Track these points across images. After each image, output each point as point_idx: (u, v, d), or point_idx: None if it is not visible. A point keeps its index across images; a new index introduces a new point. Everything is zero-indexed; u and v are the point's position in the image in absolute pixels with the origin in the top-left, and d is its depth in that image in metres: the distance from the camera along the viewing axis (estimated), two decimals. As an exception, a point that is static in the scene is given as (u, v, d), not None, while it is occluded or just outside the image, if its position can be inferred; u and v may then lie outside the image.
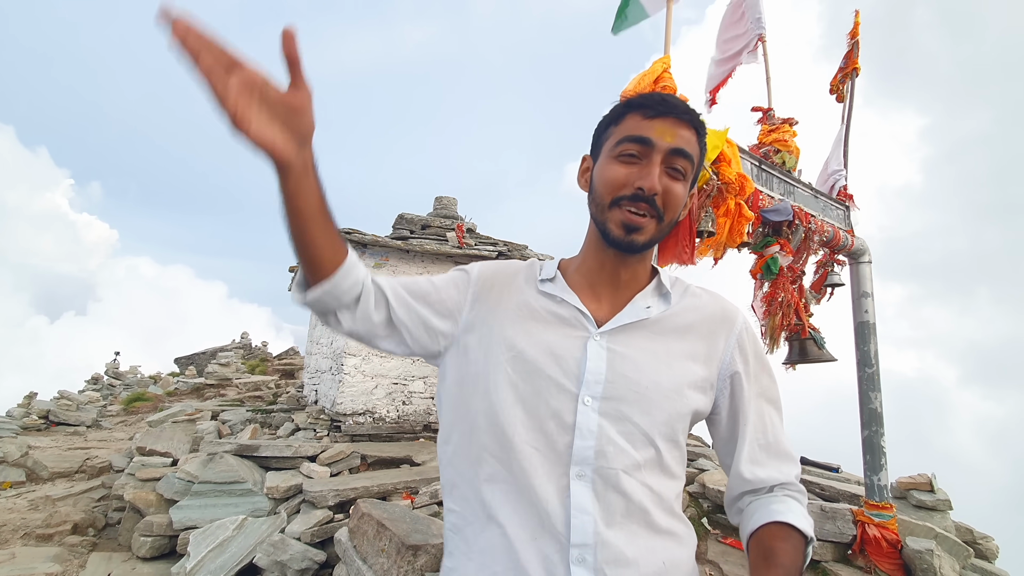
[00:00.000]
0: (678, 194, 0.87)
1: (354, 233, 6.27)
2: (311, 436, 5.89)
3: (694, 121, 0.89)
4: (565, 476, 0.81)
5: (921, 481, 4.35)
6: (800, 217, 3.24)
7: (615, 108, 0.93)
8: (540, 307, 0.92)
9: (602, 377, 0.84)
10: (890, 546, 3.40)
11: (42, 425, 9.08)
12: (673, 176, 0.87)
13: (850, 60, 4.17)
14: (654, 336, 0.90)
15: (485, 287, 0.96)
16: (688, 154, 0.87)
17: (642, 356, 0.87)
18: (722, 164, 2.72)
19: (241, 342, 17.49)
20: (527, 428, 0.84)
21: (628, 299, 0.94)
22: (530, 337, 0.89)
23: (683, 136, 0.87)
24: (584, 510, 0.79)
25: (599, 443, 0.82)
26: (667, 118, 0.87)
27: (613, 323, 0.90)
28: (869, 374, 3.72)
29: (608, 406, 0.84)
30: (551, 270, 0.98)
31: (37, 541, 4.63)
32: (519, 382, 0.86)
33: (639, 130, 0.87)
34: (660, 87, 2.74)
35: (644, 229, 0.86)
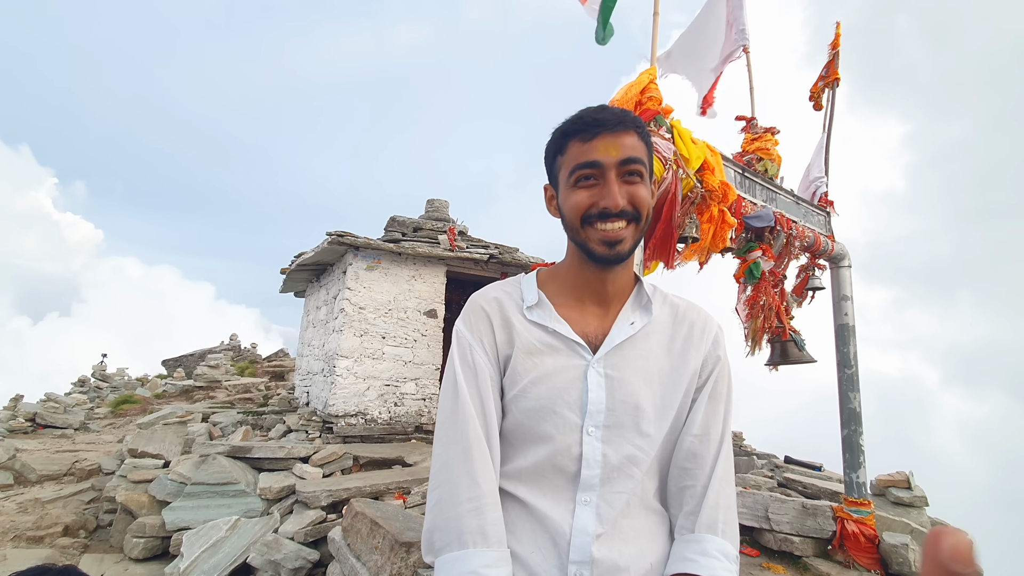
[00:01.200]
0: (642, 195, 0.90)
1: (346, 236, 6.31)
2: (303, 438, 5.92)
3: (630, 124, 0.91)
4: (571, 502, 0.88)
5: (899, 479, 4.49)
6: (782, 223, 3.35)
7: (554, 139, 0.95)
8: (534, 339, 0.93)
9: (603, 406, 0.89)
10: (868, 541, 3.51)
11: (28, 428, 8.98)
12: (631, 181, 0.90)
13: (831, 70, 4.30)
14: (643, 353, 0.94)
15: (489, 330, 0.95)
16: (636, 158, 0.89)
17: (636, 377, 0.91)
18: (706, 172, 2.82)
19: (230, 344, 17.37)
20: (535, 460, 0.89)
21: (615, 311, 0.97)
22: (531, 373, 0.91)
23: (626, 144, 0.89)
24: (586, 532, 0.86)
25: (604, 471, 0.88)
26: (604, 135, 0.89)
27: (605, 347, 0.92)
28: (849, 375, 3.84)
29: (610, 433, 0.89)
30: (533, 294, 0.98)
31: (28, 543, 4.62)
32: (527, 419, 0.90)
33: (584, 156, 0.89)
34: (647, 97, 2.84)
35: (625, 239, 0.90)
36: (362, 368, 6.35)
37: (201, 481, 4.37)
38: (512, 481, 0.92)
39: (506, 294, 0.99)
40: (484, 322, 0.95)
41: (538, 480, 0.90)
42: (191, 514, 4.18)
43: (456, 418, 0.89)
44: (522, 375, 0.91)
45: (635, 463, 0.89)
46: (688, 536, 0.90)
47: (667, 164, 2.60)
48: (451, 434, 0.89)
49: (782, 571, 3.52)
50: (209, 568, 3.60)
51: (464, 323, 0.96)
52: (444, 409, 0.92)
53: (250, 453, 4.77)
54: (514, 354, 0.93)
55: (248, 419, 7.10)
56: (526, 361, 0.92)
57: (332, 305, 7.08)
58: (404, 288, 6.82)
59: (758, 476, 5.18)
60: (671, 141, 2.71)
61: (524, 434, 0.91)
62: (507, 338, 0.94)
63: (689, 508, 0.91)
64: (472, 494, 0.84)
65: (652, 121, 2.76)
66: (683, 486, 0.93)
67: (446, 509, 0.85)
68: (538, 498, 0.89)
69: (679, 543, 0.91)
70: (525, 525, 0.89)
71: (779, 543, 3.71)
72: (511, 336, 0.94)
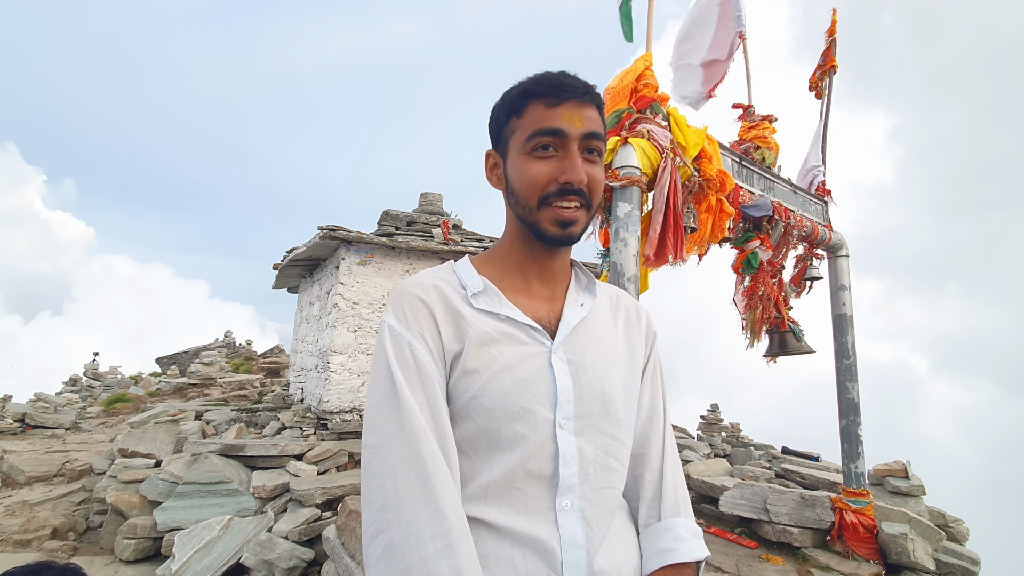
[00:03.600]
0: (599, 178, 0.84)
1: (338, 230, 6.22)
2: (297, 435, 5.86)
3: (595, 97, 0.85)
4: (551, 511, 0.77)
5: (896, 468, 4.48)
6: (780, 212, 3.30)
7: (511, 98, 0.85)
8: (487, 328, 0.81)
9: (571, 395, 0.80)
10: (867, 531, 3.50)
11: (18, 428, 8.86)
12: (591, 160, 0.83)
13: (828, 58, 4.25)
14: (597, 335, 0.89)
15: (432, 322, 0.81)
16: (600, 134, 0.83)
17: (596, 361, 0.85)
18: (703, 161, 2.76)
19: (225, 341, 17.25)
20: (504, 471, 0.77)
21: (561, 292, 0.91)
22: (491, 367, 0.79)
23: (590, 117, 0.83)
24: (576, 543, 0.76)
25: (582, 467, 0.79)
26: (571, 102, 0.81)
27: (563, 331, 0.85)
28: (847, 365, 3.81)
29: (582, 424, 0.80)
30: (476, 280, 0.86)
31: (14, 547, 4.54)
32: (491, 422, 0.77)
33: (548, 121, 0.80)
34: (642, 84, 2.77)
35: (578, 221, 0.83)
36: (356, 364, 6.29)
37: (193, 480, 4.30)
38: (476, 503, 0.76)
39: (444, 281, 0.86)
40: (424, 314, 0.80)
41: (508, 495, 0.76)
42: (183, 514, 4.11)
43: (401, 435, 0.71)
44: (480, 371, 0.78)
45: (611, 453, 0.82)
46: (656, 525, 0.86)
47: (663, 152, 2.54)
48: (395, 457, 0.70)
49: (781, 562, 3.51)
50: (202, 569, 3.54)
51: (397, 318, 0.80)
52: (379, 427, 0.73)
53: (243, 451, 4.70)
54: (465, 349, 0.79)
55: (242, 416, 7.02)
56: (482, 354, 0.79)
57: (325, 300, 7.00)
58: (398, 282, 6.73)
59: (756, 467, 5.17)
60: (667, 129, 2.64)
61: (488, 441, 0.77)
62: (455, 332, 0.81)
63: (650, 495, 0.88)
64: (438, 529, 0.67)
65: (648, 108, 2.69)
66: (638, 473, 0.90)
67: (404, 555, 0.66)
68: (512, 517, 0.75)
69: (650, 534, 0.86)
70: (501, 555, 0.74)
71: (778, 534, 3.70)
72: (460, 328, 0.81)
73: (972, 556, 3.69)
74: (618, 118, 2.67)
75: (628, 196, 2.44)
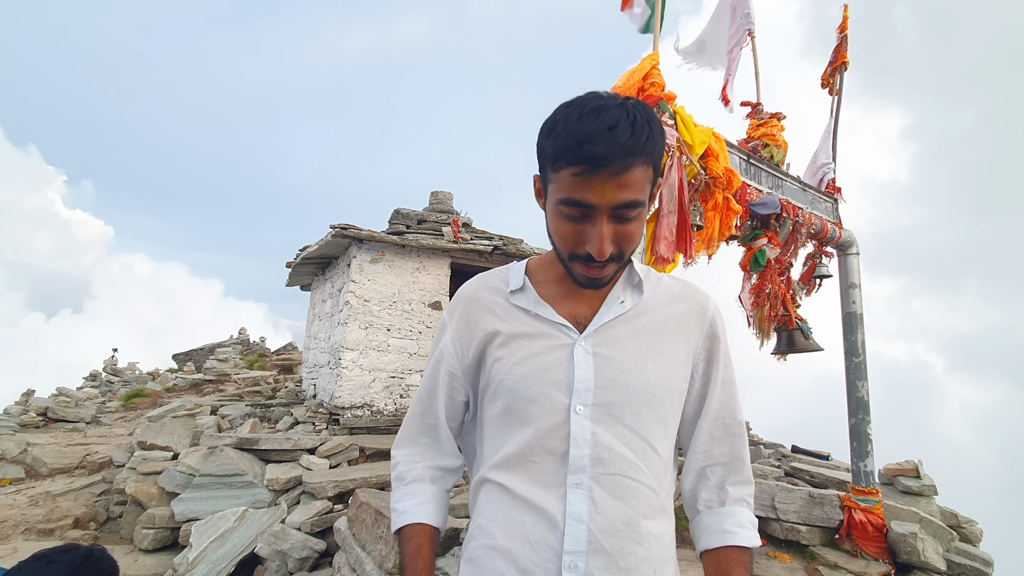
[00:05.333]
0: (632, 234, 0.82)
1: (350, 228, 6.31)
2: (310, 429, 5.96)
3: (639, 154, 0.76)
4: (562, 486, 0.83)
5: (908, 467, 4.45)
6: (788, 210, 3.29)
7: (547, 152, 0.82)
8: (518, 322, 0.92)
9: (591, 384, 0.85)
10: (875, 530, 3.48)
11: (40, 422, 9.10)
12: (624, 221, 0.81)
13: (839, 54, 4.22)
14: (635, 332, 0.90)
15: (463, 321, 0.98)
16: (636, 201, 0.79)
17: (627, 356, 0.88)
18: (710, 159, 2.77)
19: (239, 338, 17.53)
20: (521, 444, 0.86)
21: (606, 292, 0.93)
22: (516, 355, 0.89)
23: (627, 184, 0.77)
24: (579, 519, 0.81)
25: (595, 450, 0.83)
26: (605, 174, 0.76)
27: (594, 325, 0.90)
28: (856, 363, 3.80)
29: (600, 412, 0.85)
30: (519, 278, 0.96)
31: (38, 536, 4.69)
32: (514, 401, 0.88)
33: (576, 192, 0.78)
34: (649, 83, 2.79)
35: (606, 276, 0.86)
36: (367, 360, 6.37)
37: (209, 473, 4.41)
38: (501, 471, 0.89)
39: (488, 283, 1.00)
40: (460, 312, 0.99)
41: (528, 467, 0.86)
42: (199, 505, 4.22)
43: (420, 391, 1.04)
44: (506, 358, 0.90)
45: (628, 444, 0.85)
46: (719, 509, 0.93)
47: (670, 151, 2.56)
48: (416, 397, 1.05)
49: (789, 560, 3.51)
50: (217, 558, 3.64)
51: (447, 312, 1.03)
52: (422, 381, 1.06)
53: (257, 445, 4.80)
54: (498, 339, 0.92)
55: (256, 412, 7.15)
56: (511, 344, 0.91)
57: (337, 298, 7.10)
58: (408, 280, 6.82)
59: (765, 466, 5.15)
60: (674, 127, 2.66)
61: (511, 419, 0.89)
62: (489, 326, 0.95)
63: (714, 483, 0.95)
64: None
65: (655, 107, 2.71)
66: (705, 466, 0.95)
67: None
68: (528, 486, 0.85)
69: (711, 515, 0.93)
70: (515, 519, 0.85)
71: (786, 532, 3.70)
72: (493, 323, 0.94)
73: (985, 557, 3.65)
74: (624, 117, 2.70)
75: (634, 194, 2.46)
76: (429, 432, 1.01)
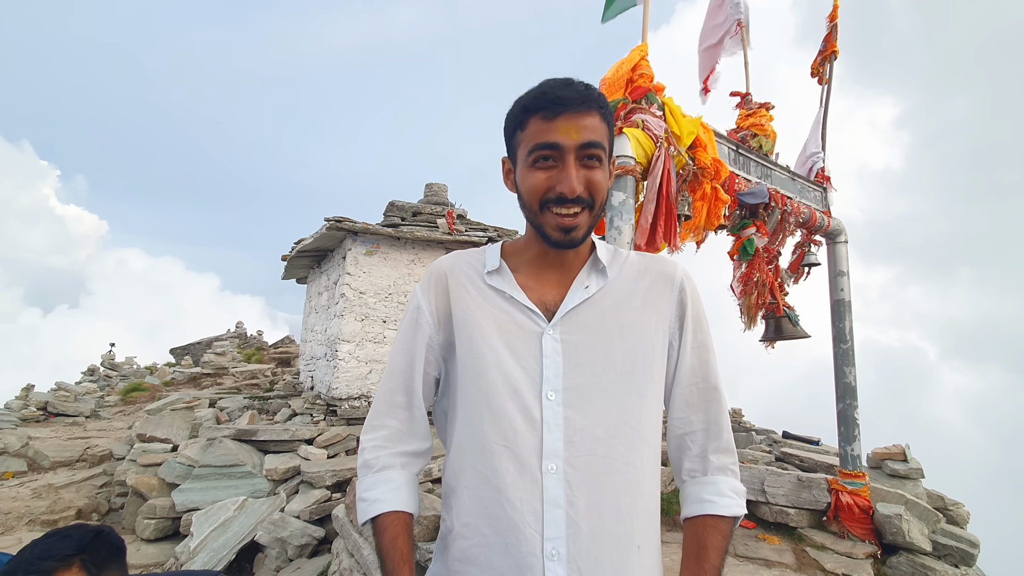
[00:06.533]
0: (599, 180, 0.88)
1: (345, 221, 6.33)
2: (308, 421, 6.02)
3: (594, 103, 0.87)
4: (538, 472, 0.84)
5: (895, 451, 4.53)
6: (776, 199, 3.33)
7: (514, 112, 0.92)
8: (491, 305, 0.94)
9: (560, 370, 0.88)
10: (862, 512, 3.56)
11: (40, 416, 9.16)
12: (590, 166, 0.87)
13: (829, 43, 4.23)
14: (600, 314, 0.92)
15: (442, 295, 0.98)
16: (597, 142, 0.86)
17: (593, 339, 0.90)
18: (698, 150, 2.80)
19: (236, 331, 17.55)
20: (496, 429, 0.87)
21: (573, 278, 0.96)
22: (488, 340, 0.91)
23: (587, 126, 0.86)
24: (557, 504, 0.83)
25: (567, 434, 0.85)
26: (567, 115, 0.85)
27: (560, 312, 0.92)
28: (844, 350, 3.86)
29: (571, 395, 0.87)
30: (495, 260, 0.98)
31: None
32: (485, 386, 0.89)
33: (545, 135, 0.86)
34: (638, 74, 2.82)
35: (579, 225, 0.89)
36: (364, 352, 6.42)
37: (209, 464, 4.47)
38: (480, 455, 0.89)
39: (465, 261, 1.01)
40: (437, 286, 0.99)
41: (503, 453, 0.87)
42: (200, 495, 4.28)
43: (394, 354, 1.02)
44: (481, 344, 0.91)
45: (599, 423, 0.87)
46: (701, 479, 0.94)
47: (658, 142, 2.59)
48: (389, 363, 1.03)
49: (777, 541, 3.59)
50: (218, 546, 3.71)
51: (421, 286, 1.02)
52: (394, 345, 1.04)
53: (256, 436, 4.86)
54: (473, 321, 0.93)
55: (254, 404, 7.21)
56: (485, 328, 0.92)
57: (333, 290, 7.13)
58: (404, 272, 6.85)
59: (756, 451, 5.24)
60: (662, 118, 2.69)
61: (485, 406, 0.89)
62: (460, 302, 0.96)
63: (695, 452, 0.95)
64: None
65: (643, 98, 2.74)
66: (684, 433, 0.97)
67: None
68: (502, 474, 0.86)
69: (692, 485, 0.95)
70: (495, 511, 0.86)
71: (775, 515, 3.78)
72: (464, 301, 0.96)
73: (971, 539, 3.72)
74: (614, 108, 2.73)
75: (623, 185, 2.50)
76: (397, 412, 0.98)
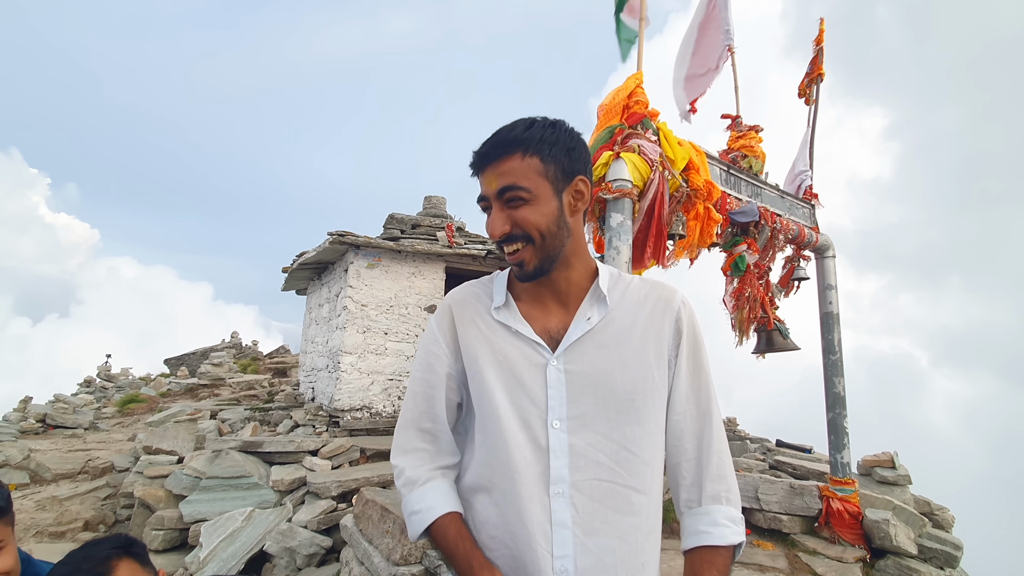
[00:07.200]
0: (526, 216, 0.93)
1: (347, 235, 6.45)
2: (310, 432, 6.10)
3: (513, 147, 0.92)
4: (546, 495, 0.90)
5: (884, 459, 4.68)
6: (766, 217, 3.50)
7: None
8: (500, 339, 1.00)
9: (564, 400, 0.94)
10: (852, 518, 3.70)
11: (39, 428, 9.15)
12: (514, 206, 0.93)
13: (815, 66, 4.43)
14: (602, 344, 0.97)
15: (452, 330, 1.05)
16: (513, 185, 0.92)
17: (595, 368, 0.95)
18: (691, 172, 2.97)
19: (232, 342, 17.54)
20: (508, 455, 0.93)
21: (575, 307, 1.01)
22: (497, 373, 0.98)
23: (503, 173, 0.92)
24: (564, 525, 0.89)
25: (572, 459, 0.91)
26: (487, 168, 0.95)
27: (564, 344, 0.97)
28: (833, 360, 4.02)
29: (575, 424, 0.93)
30: (501, 294, 1.04)
31: (50, 539, 4.81)
32: (496, 416, 0.95)
33: (481, 188, 0.97)
34: (633, 101, 2.98)
35: (527, 259, 0.95)
36: (366, 363, 6.52)
37: (216, 475, 4.55)
38: (487, 482, 0.96)
39: (475, 296, 1.08)
40: (448, 321, 1.06)
41: (512, 479, 0.92)
42: (207, 506, 4.36)
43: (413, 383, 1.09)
44: (491, 375, 0.98)
45: (602, 450, 0.93)
46: (696, 509, 0.97)
47: (653, 165, 2.74)
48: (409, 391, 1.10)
49: (771, 547, 3.72)
50: (227, 556, 3.79)
51: (435, 319, 1.09)
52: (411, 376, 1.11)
53: (261, 447, 4.95)
54: (484, 354, 1.00)
55: (256, 415, 7.27)
56: (494, 360, 0.99)
57: (335, 303, 7.23)
58: (404, 285, 6.97)
59: (750, 459, 5.38)
60: (657, 143, 2.85)
61: (495, 434, 0.96)
62: (469, 338, 1.02)
63: (689, 481, 0.98)
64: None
65: (639, 124, 2.90)
66: (678, 461, 1.00)
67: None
68: (514, 497, 0.92)
69: (689, 516, 0.98)
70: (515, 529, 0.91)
71: (768, 522, 3.91)
72: (473, 337, 1.02)
73: (955, 542, 3.86)
74: (611, 134, 2.88)
75: (620, 207, 2.65)
76: (426, 437, 1.04)
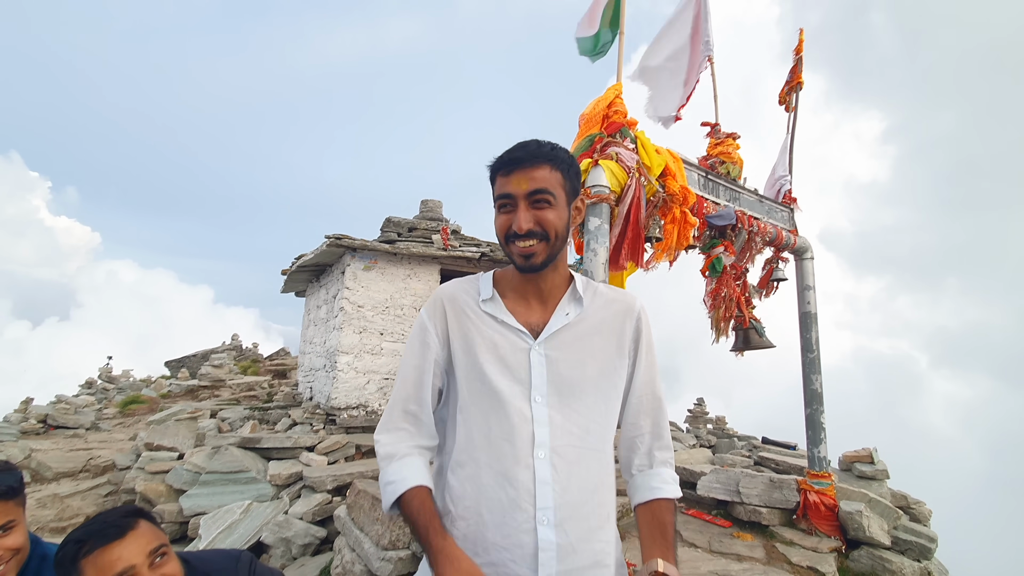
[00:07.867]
0: (549, 218, 1.10)
1: (344, 238, 6.60)
2: (308, 430, 6.24)
3: (543, 159, 1.10)
4: (530, 457, 1.07)
5: (863, 454, 4.82)
6: (743, 221, 3.65)
7: (490, 172, 1.17)
8: (488, 327, 1.16)
9: (544, 379, 1.11)
10: (828, 510, 3.83)
11: (40, 429, 9.28)
12: (539, 207, 1.10)
13: (795, 74, 4.59)
14: (577, 336, 1.16)
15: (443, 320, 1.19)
16: (543, 189, 1.09)
17: (571, 355, 1.13)
18: (668, 178, 3.12)
19: (232, 344, 17.68)
20: (499, 425, 1.10)
21: (554, 305, 1.19)
22: (487, 355, 1.13)
23: (536, 177, 1.09)
24: (545, 482, 1.06)
25: (551, 428, 1.09)
26: (518, 172, 1.09)
27: (545, 333, 1.15)
28: (811, 359, 4.16)
29: (553, 399, 1.11)
30: (488, 289, 1.20)
31: (52, 534, 4.94)
32: (489, 392, 1.11)
33: (503, 188, 1.11)
34: (613, 111, 3.14)
35: (537, 252, 1.11)
36: (362, 363, 6.66)
37: (215, 470, 4.69)
38: (479, 449, 1.11)
39: (464, 290, 1.23)
40: (440, 312, 1.20)
41: (501, 444, 1.09)
42: (207, 500, 4.50)
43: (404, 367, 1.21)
44: (481, 357, 1.13)
45: (575, 422, 1.12)
46: (648, 472, 1.19)
47: (630, 172, 2.90)
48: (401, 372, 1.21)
49: (750, 538, 3.85)
50: (225, 547, 3.92)
51: (426, 311, 1.23)
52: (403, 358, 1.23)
53: (259, 444, 5.08)
54: (474, 340, 1.15)
55: (255, 414, 7.41)
56: (483, 345, 1.15)
57: (332, 304, 7.38)
58: (400, 286, 7.12)
59: (736, 456, 5.52)
60: (635, 151, 3.00)
61: (486, 405, 1.12)
62: (460, 326, 1.17)
63: (643, 450, 1.21)
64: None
65: (618, 132, 3.05)
66: (635, 435, 1.22)
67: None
68: (503, 460, 1.08)
69: (642, 477, 1.20)
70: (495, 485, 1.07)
71: (749, 514, 4.04)
72: (465, 324, 1.17)
73: (930, 534, 3.99)
74: (591, 142, 3.04)
75: (598, 212, 2.80)
76: (410, 418, 1.16)
